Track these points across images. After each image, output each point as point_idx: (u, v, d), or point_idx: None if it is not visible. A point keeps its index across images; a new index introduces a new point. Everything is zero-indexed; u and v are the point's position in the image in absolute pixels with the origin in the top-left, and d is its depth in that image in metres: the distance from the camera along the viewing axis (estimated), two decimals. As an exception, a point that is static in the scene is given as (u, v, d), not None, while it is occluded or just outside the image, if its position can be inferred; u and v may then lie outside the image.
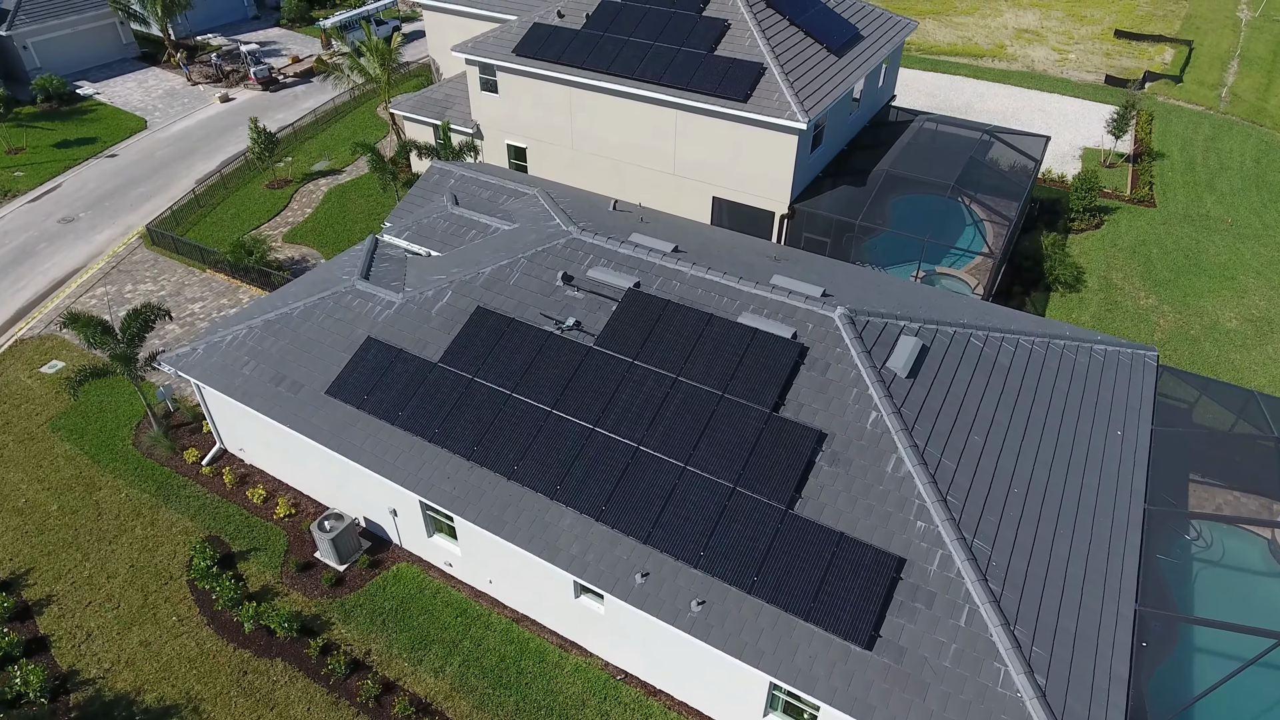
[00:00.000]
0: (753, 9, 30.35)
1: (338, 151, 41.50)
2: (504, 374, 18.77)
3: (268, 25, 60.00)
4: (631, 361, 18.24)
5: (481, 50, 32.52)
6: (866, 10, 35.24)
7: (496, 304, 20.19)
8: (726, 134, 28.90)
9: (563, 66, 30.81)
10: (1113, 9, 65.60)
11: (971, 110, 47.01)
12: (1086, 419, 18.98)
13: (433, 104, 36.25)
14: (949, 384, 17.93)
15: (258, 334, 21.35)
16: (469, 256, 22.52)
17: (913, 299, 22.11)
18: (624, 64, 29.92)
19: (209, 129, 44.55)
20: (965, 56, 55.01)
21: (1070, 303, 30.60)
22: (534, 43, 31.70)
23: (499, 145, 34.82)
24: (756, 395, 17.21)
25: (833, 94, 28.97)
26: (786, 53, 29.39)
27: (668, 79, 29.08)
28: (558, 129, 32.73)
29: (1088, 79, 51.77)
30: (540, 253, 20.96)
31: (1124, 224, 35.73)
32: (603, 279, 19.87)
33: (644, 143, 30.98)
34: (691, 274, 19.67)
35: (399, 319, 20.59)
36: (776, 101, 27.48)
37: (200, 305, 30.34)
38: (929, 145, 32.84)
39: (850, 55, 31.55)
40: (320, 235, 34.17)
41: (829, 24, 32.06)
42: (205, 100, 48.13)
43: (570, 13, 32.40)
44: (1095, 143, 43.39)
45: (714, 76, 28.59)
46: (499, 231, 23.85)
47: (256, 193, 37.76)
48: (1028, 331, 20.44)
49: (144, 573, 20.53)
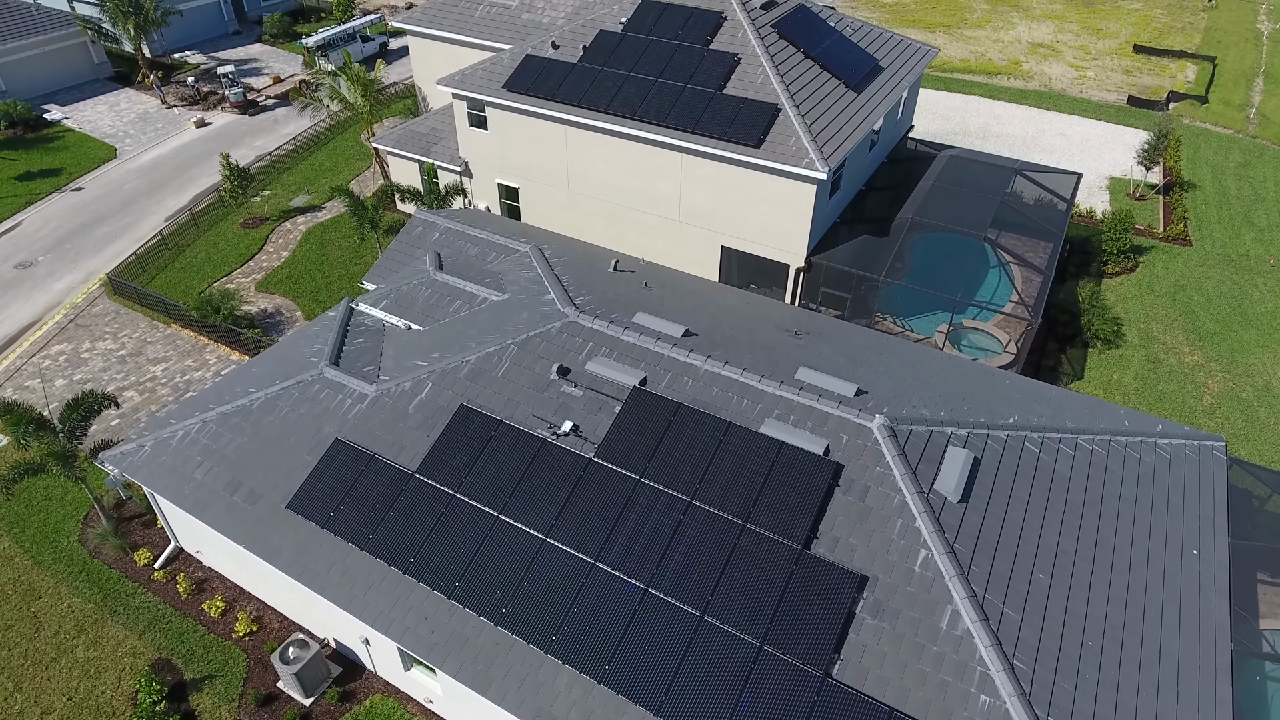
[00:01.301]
0: (764, 41, 27.85)
1: (318, 185, 38.91)
2: (491, 489, 16.29)
3: (249, 41, 57.32)
4: (638, 479, 15.78)
5: (469, 84, 29.98)
6: (884, 38, 32.75)
7: (483, 400, 17.70)
8: (737, 180, 26.42)
9: (557, 104, 28.29)
10: (1129, 22, 63.18)
11: (989, 134, 44.61)
12: (1159, 536, 16.56)
13: (418, 138, 33.70)
14: (1005, 506, 15.50)
15: (212, 429, 18.84)
16: (453, 335, 20.02)
17: (952, 381, 19.68)
18: (624, 103, 27.40)
19: (182, 158, 41.92)
20: (979, 74, 52.56)
21: (1110, 361, 28.17)
22: (526, 77, 29.17)
23: (489, 184, 32.31)
24: (785, 527, 14.76)
25: (853, 136, 26.49)
26: (802, 90, 26.89)
27: (672, 120, 26.56)
28: (552, 169, 30.23)
29: (1109, 99, 49.34)
30: (532, 338, 18.47)
31: (1160, 266, 33.32)
32: (604, 374, 17.39)
33: (646, 187, 28.50)
34: (706, 369, 17.20)
35: (372, 415, 18.10)
36: (793, 147, 25.00)
37: (163, 368, 27.79)
38: (954, 186, 30.36)
39: (870, 90, 29.06)
40: (297, 284, 31.60)
41: (846, 56, 29.57)
42: (180, 125, 45.49)
43: (566, 43, 29.86)
44: (1123, 171, 40.97)
45: (723, 118, 26.10)
46: (487, 303, 21.35)
47: (229, 233, 35.18)
48: (1086, 430, 17.99)
49: (83, 708, 18.01)
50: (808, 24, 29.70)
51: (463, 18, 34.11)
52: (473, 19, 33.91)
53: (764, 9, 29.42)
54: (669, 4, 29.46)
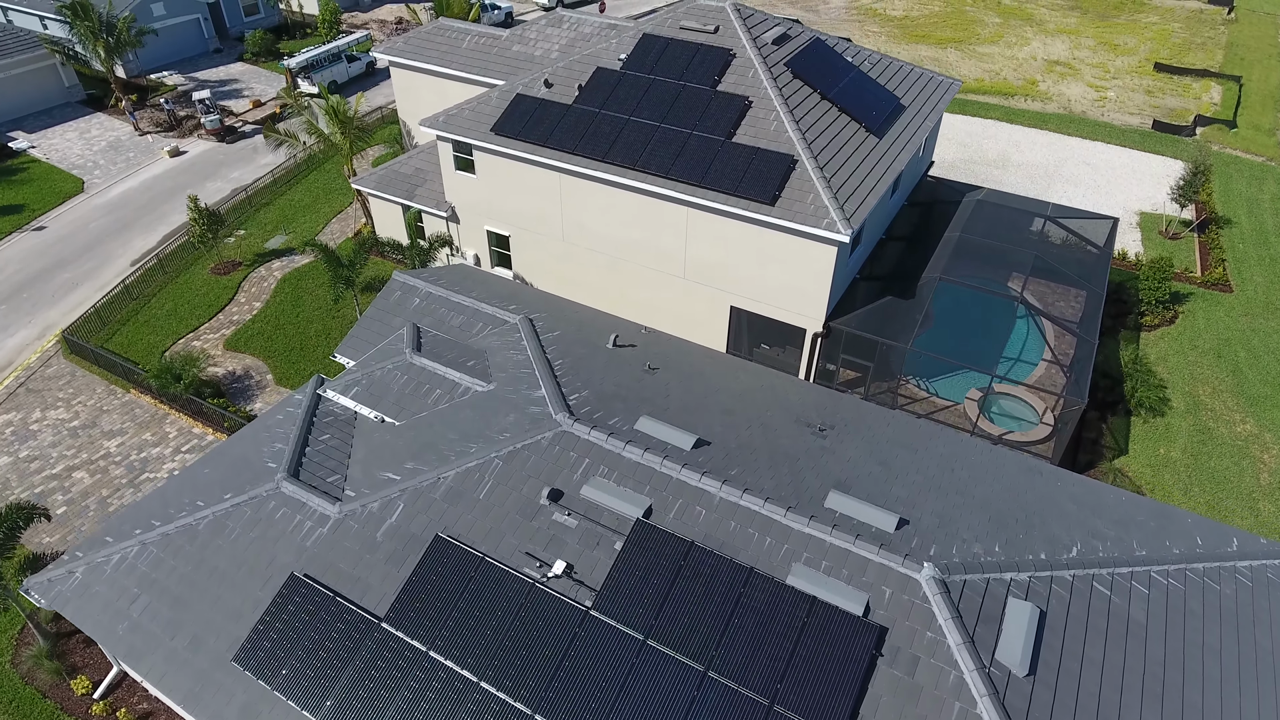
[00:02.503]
0: (777, 82, 25.39)
1: (298, 223, 36.43)
2: (469, 646, 13.84)
3: (230, 60, 54.77)
4: (643, 641, 13.34)
5: (455, 126, 27.51)
6: (904, 72, 30.31)
7: (462, 528, 15.26)
8: (748, 238, 23.99)
9: (550, 150, 25.84)
10: (1146, 36, 60.81)
11: (1008, 163, 42.20)
12: (1250, 695, 14.17)
13: (401, 180, 31.22)
14: (1078, 675, 13.08)
15: (153, 554, 16.38)
16: (430, 437, 17.57)
17: (998, 489, 17.28)
18: (624, 151, 24.95)
19: (153, 192, 39.41)
20: (995, 95, 50.15)
21: (1156, 432, 25.77)
22: (516, 119, 26.70)
23: (478, 230, 29.84)
24: (819, 710, 12.33)
25: (876, 189, 24.07)
26: (820, 137, 24.45)
27: (677, 172, 24.12)
28: (545, 218, 27.78)
29: (1132, 122, 46.94)
30: (520, 451, 16.03)
31: (1201, 316, 30.92)
32: (602, 501, 14.96)
33: (647, 240, 26.05)
34: (721, 498, 14.76)
35: (335, 543, 15.65)
36: (811, 206, 22.56)
37: (118, 443, 25.31)
38: (982, 237, 27.93)
39: (892, 134, 26.63)
40: (268, 342, 29.11)
41: (865, 95, 27.12)
42: (153, 154, 42.97)
43: (560, 81, 27.39)
44: (1153, 205, 38.57)
45: (733, 171, 23.65)
46: (470, 394, 18.89)
47: (198, 280, 32.68)
48: (1159, 560, 15.54)
49: None
50: (823, 60, 27.25)
51: (449, 49, 31.64)
52: (459, 51, 31.44)
53: (776, 44, 26.97)
54: (672, 39, 27.01)
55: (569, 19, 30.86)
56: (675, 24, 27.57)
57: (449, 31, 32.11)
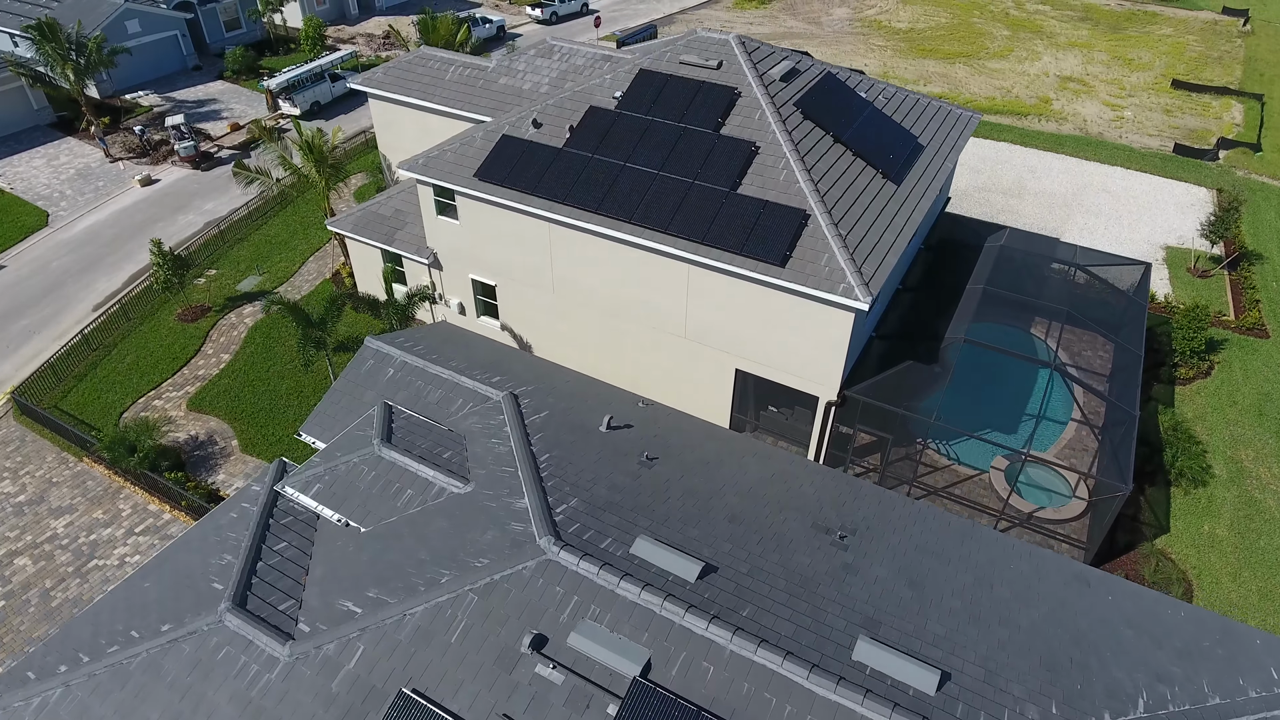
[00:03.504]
0: (786, 124, 23.23)
1: (273, 261, 34.26)
2: (437, 836, 11.72)
3: (210, 78, 52.52)
4: (641, 840, 11.23)
5: (435, 170, 25.34)
6: (921, 106, 28.18)
7: (430, 680, 13.11)
8: (756, 300, 21.86)
9: (539, 199, 23.69)
10: (1161, 51, 58.76)
11: (1024, 191, 40.12)
12: None
13: (380, 222, 29.05)
14: None
15: (77, 700, 14.22)
16: (398, 556, 15.42)
17: (1044, 611, 15.19)
18: (618, 203, 22.80)
19: (121, 226, 37.21)
20: (1007, 115, 48.06)
21: (1198, 505, 23.68)
22: (502, 164, 24.54)
23: (462, 278, 27.69)
24: None
25: (896, 245, 21.95)
26: (834, 188, 22.31)
27: (677, 227, 21.97)
28: (534, 269, 25.63)
29: (1151, 144, 44.88)
30: (499, 583, 13.88)
31: (1238, 367, 28.84)
32: (593, 654, 12.82)
33: (645, 297, 23.91)
34: (732, 651, 12.62)
35: (285, 691, 13.49)
36: (826, 268, 20.43)
37: (66, 523, 23.13)
38: (1007, 289, 25.79)
39: (912, 179, 24.50)
40: (235, 402, 26.92)
41: (882, 136, 24.99)
42: (123, 183, 40.77)
43: (549, 121, 25.21)
44: (1179, 238, 36.50)
45: (739, 227, 21.51)
46: (445, 495, 16.73)
47: (163, 328, 30.49)
48: (1239, 715, 13.43)
49: None
50: (835, 98, 25.11)
51: (431, 81, 29.44)
52: (442, 83, 29.23)
53: (784, 81, 24.81)
54: (671, 76, 24.83)
55: (559, 49, 28.67)
56: (674, 58, 25.40)
57: (431, 61, 29.91)
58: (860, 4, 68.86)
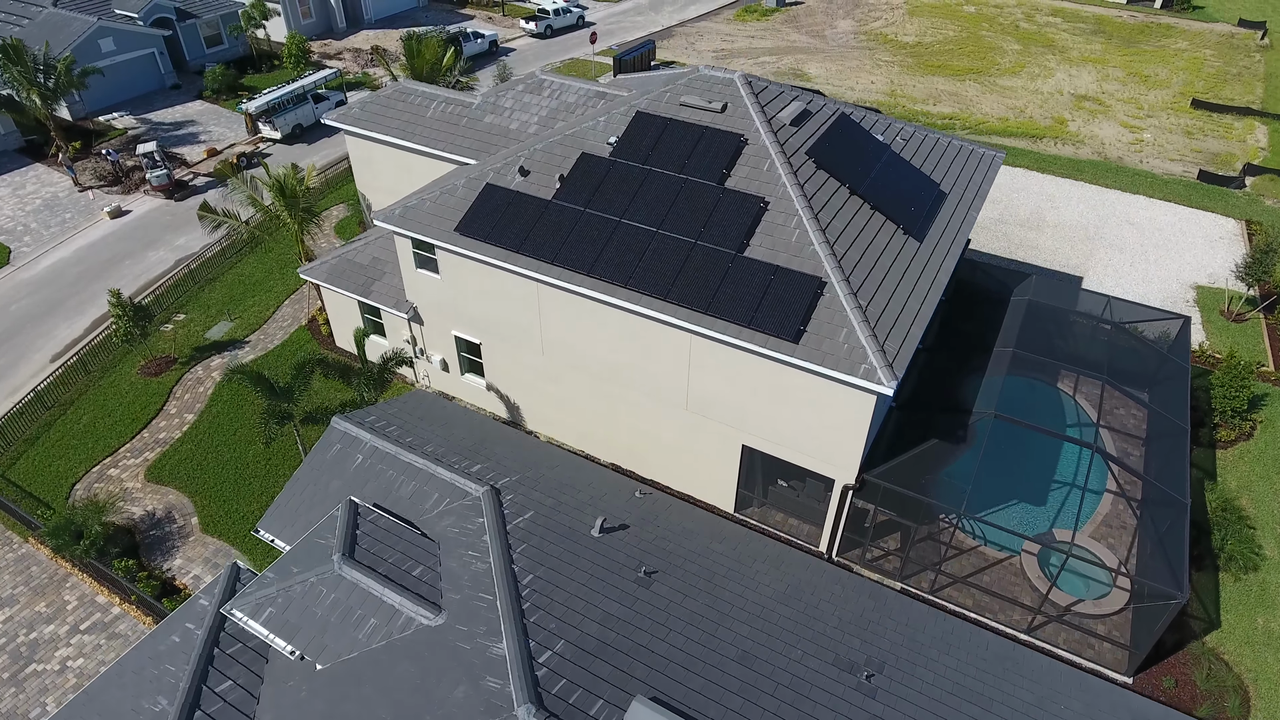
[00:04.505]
0: (798, 175, 21.08)
1: (245, 305, 32.07)
2: None
3: (189, 98, 50.25)
4: None
5: (413, 222, 23.19)
6: (942, 147, 26.03)
7: None
8: (766, 375, 19.71)
9: (525, 258, 21.55)
10: (1178, 67, 56.63)
11: (1043, 223, 37.99)
12: None
13: (356, 270, 26.88)
14: None
15: None
16: (355, 706, 13.29)
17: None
18: (612, 265, 20.65)
19: (87, 264, 35.01)
20: (1022, 137, 45.92)
21: (1250, 593, 21.55)
22: (486, 217, 22.39)
23: (444, 334, 25.55)
24: None
25: (921, 313, 19.80)
26: (851, 248, 20.16)
27: (678, 295, 19.82)
28: (522, 329, 23.50)
29: (1174, 170, 42.74)
30: (469, 762, 11.77)
31: (1282, 426, 26.75)
32: None
33: (643, 366, 21.78)
34: None
35: None
36: (845, 345, 18.28)
37: (4, 618, 20.94)
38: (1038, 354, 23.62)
39: (934, 233, 22.37)
40: (197, 470, 24.74)
41: (902, 185, 22.85)
42: (92, 214, 38.56)
43: (538, 169, 23.05)
44: (1209, 276, 34.37)
45: (747, 296, 19.36)
46: (413, 628, 14.58)
47: (125, 383, 28.30)
48: None
49: None
50: (851, 144, 22.96)
51: (411, 118, 27.25)
52: (423, 121, 27.05)
53: (795, 125, 22.66)
54: (671, 120, 22.68)
55: (549, 84, 26.48)
56: (674, 99, 23.25)
57: (411, 96, 27.70)
58: (865, 16, 66.68)
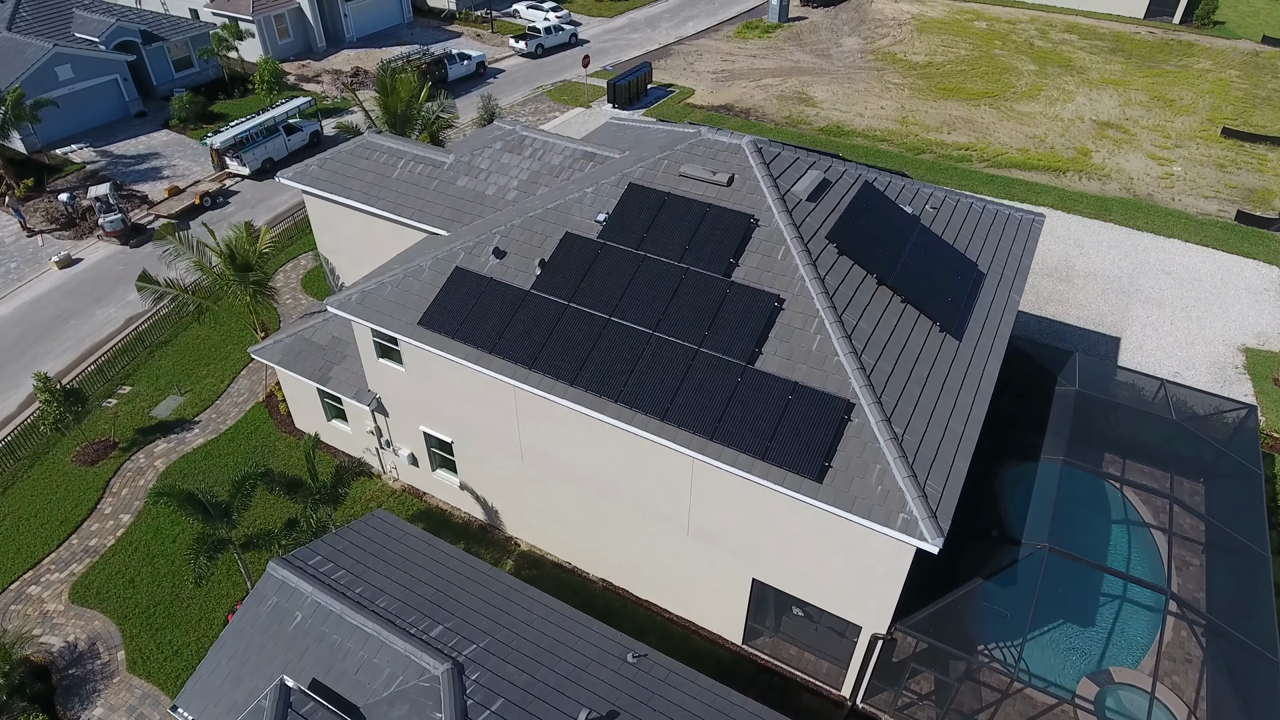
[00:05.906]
0: (818, 265, 18.00)
1: (198, 375, 28.93)
2: None
3: (154, 127, 47.10)
4: None
5: (372, 310, 20.10)
6: (975, 214, 22.96)
7: None
8: (782, 511, 16.65)
9: (499, 360, 18.47)
10: (1203, 89, 53.60)
11: (1073, 273, 34.93)
12: None
13: (313, 352, 23.78)
14: None
15: None
16: None
17: None
18: (601, 374, 17.56)
19: (28, 324, 31.89)
20: (1044, 171, 42.88)
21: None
22: (454, 307, 19.31)
23: (412, 429, 22.48)
24: None
25: (966, 438, 16.71)
26: (883, 358, 17.06)
27: (677, 415, 16.74)
28: (497, 432, 20.42)
29: (1208, 209, 39.71)
30: None
31: (1358, 524, 23.72)
32: None
33: (636, 485, 18.71)
34: None
35: None
36: (879, 487, 15.21)
37: (-116, 790, 17.90)
38: (1092, 465, 20.62)
39: (975, 326, 19.28)
40: (129, 588, 21.60)
41: (936, 269, 19.76)
42: (39, 263, 35.46)
43: (515, 249, 19.96)
44: (1257, 335, 31.35)
45: (760, 419, 16.28)
46: None
47: (56, 474, 25.18)
48: None
49: None
50: (877, 221, 19.88)
51: (375, 179, 24.11)
52: (389, 182, 23.90)
53: (812, 200, 19.58)
54: (670, 195, 19.59)
55: (531, 142, 23.33)
56: (673, 168, 20.16)
57: (376, 153, 24.55)
58: (872, 33, 63.57)
